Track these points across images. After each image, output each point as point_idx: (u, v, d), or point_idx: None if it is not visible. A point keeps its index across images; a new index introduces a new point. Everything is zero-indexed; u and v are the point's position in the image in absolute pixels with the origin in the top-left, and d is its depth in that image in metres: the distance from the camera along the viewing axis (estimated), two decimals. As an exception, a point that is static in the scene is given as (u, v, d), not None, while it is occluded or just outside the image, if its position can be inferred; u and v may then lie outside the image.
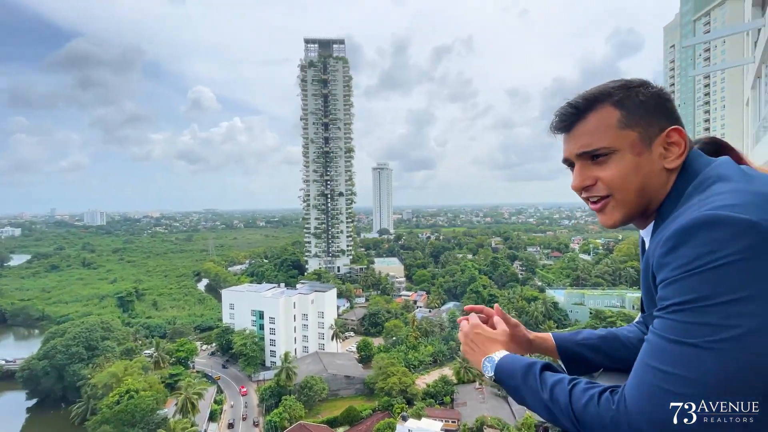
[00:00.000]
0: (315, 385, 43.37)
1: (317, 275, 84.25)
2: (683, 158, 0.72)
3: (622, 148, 0.71)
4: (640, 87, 0.74)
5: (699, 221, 0.56)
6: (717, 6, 73.97)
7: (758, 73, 10.21)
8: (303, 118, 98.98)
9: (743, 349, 0.51)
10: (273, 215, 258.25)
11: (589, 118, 0.74)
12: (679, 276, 0.57)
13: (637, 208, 0.73)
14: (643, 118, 0.72)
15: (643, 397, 0.57)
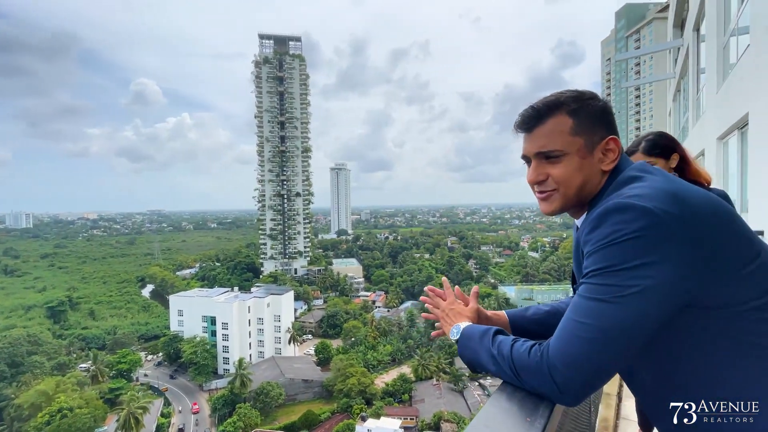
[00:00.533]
0: (271, 391, 42.16)
1: (273, 278, 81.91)
2: (616, 162, 0.87)
3: (571, 151, 0.85)
4: (590, 99, 0.88)
5: (612, 207, 0.73)
6: (646, 25, 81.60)
7: (678, 87, 11.46)
8: (257, 116, 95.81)
9: (639, 303, 0.68)
10: (225, 216, 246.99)
11: (547, 122, 0.87)
12: (596, 249, 0.73)
13: (574, 201, 0.88)
14: (589, 127, 0.86)
15: (560, 342, 0.74)
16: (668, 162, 1.74)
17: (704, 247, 0.68)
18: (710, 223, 0.69)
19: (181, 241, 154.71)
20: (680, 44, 10.19)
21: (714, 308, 0.70)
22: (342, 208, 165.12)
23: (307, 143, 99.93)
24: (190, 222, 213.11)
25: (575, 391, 0.72)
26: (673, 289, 0.68)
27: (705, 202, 0.71)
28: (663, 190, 0.71)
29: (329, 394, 44.77)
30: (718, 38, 5.94)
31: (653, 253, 0.68)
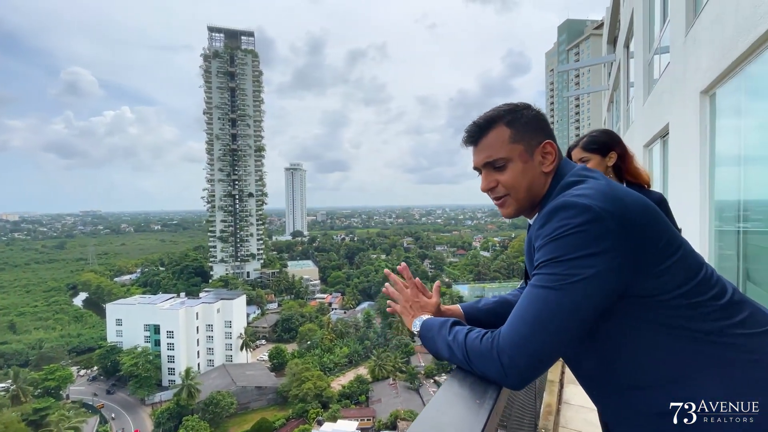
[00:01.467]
0: (222, 401, 40.25)
1: (224, 282, 78.28)
2: (555, 164, 0.96)
3: (513, 158, 0.94)
4: (524, 110, 0.98)
5: (559, 205, 0.80)
6: (584, 40, 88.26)
7: (611, 98, 12.55)
8: (207, 112, 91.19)
9: (581, 290, 0.75)
10: (171, 218, 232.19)
11: (489, 135, 0.96)
12: (545, 242, 0.80)
13: (525, 202, 0.97)
14: (526, 134, 0.95)
15: (509, 327, 0.80)
16: (605, 159, 1.78)
17: (635, 241, 0.76)
18: (640, 220, 0.77)
19: (120, 245, 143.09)
20: (613, 59, 11.15)
21: (645, 297, 0.77)
22: (297, 209, 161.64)
23: (261, 142, 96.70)
24: (130, 224, 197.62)
25: (520, 373, 0.77)
26: (611, 278, 0.75)
27: (636, 202, 0.79)
28: (602, 191, 0.79)
29: (284, 400, 43.59)
30: (644, 55, 6.59)
31: (594, 246, 0.74)
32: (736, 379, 0.73)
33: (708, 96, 3.29)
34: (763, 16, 2.17)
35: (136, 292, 73.87)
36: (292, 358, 51.42)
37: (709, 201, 3.38)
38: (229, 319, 57.08)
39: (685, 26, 3.83)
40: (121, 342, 52.89)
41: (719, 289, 0.79)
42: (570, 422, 2.40)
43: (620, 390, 0.84)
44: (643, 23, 6.51)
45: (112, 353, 50.68)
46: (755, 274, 2.73)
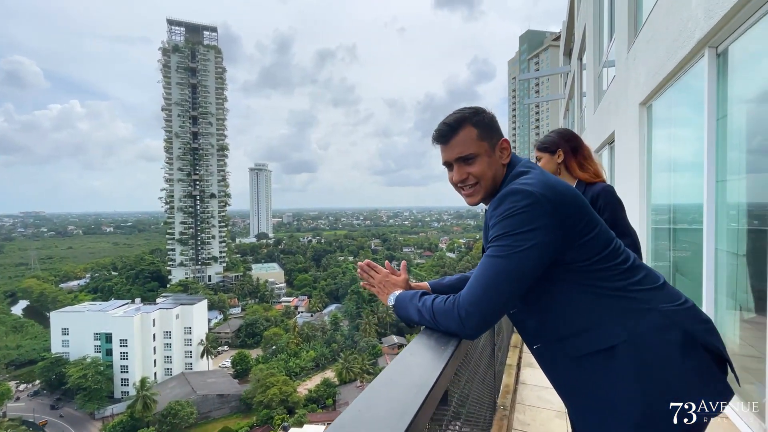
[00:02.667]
0: (180, 411, 38.45)
1: (183, 286, 74.87)
2: (509, 158, 1.17)
3: (481, 153, 1.13)
4: (483, 113, 1.16)
5: (508, 191, 1.01)
6: (543, 50, 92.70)
7: (567, 107, 13.38)
8: (165, 109, 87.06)
9: (524, 257, 0.95)
10: (124, 219, 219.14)
11: (459, 134, 1.13)
12: (497, 221, 1.00)
13: (490, 189, 1.15)
14: (488, 133, 1.14)
15: (467, 289, 1.00)
16: (554, 156, 1.99)
17: (564, 220, 0.97)
18: (569, 204, 0.99)
19: (67, 248, 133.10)
20: (568, 70, 11.89)
21: (570, 263, 1.00)
22: (262, 211, 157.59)
23: (224, 141, 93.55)
24: (78, 226, 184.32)
25: (475, 325, 0.98)
26: (546, 248, 0.96)
27: (566, 190, 1.01)
28: (541, 180, 1.01)
29: (248, 408, 42.31)
30: (594, 68, 7.14)
31: (534, 223, 0.95)
32: (635, 323, 0.96)
33: (645, 107, 3.68)
34: (686, 39, 2.50)
35: (85, 299, 69.01)
36: (256, 363, 50.02)
37: (647, 203, 3.77)
38: (189, 325, 54.66)
39: (627, 43, 4.25)
40: (68, 353, 49.26)
41: (624, 257, 1.03)
42: (525, 399, 2.66)
43: (553, 341, 1.07)
44: (593, 38, 7.05)
45: (57, 365, 47.02)
46: (682, 265, 3.09)
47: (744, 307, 2.23)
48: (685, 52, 2.51)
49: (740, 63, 2.20)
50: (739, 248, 2.23)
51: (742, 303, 2.24)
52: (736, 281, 2.25)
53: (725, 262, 2.32)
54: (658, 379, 0.92)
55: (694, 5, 2.36)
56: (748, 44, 2.09)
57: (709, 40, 2.26)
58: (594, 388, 0.99)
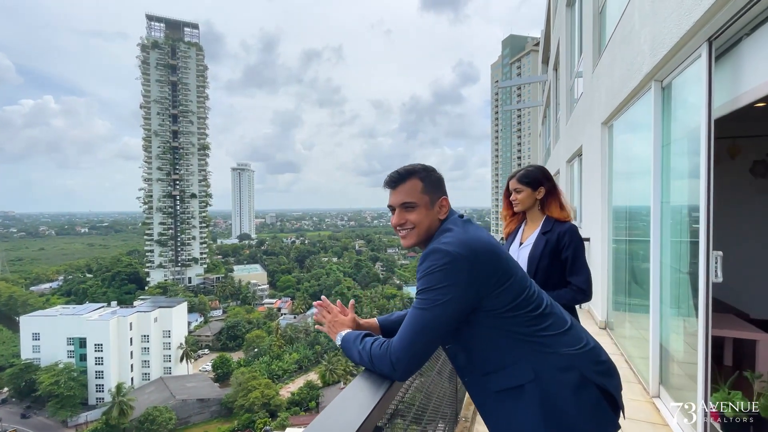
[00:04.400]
0: (159, 417, 37.57)
1: (162, 289, 73.17)
2: (446, 215, 1.29)
3: (421, 204, 1.26)
4: (432, 171, 1.30)
5: (430, 250, 1.13)
6: (525, 55, 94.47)
7: (544, 114, 13.77)
8: (144, 106, 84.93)
9: (442, 310, 1.08)
10: (100, 220, 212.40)
11: (407, 183, 1.27)
12: (421, 276, 1.12)
13: (423, 238, 1.28)
14: (432, 189, 1.27)
15: (397, 336, 1.13)
16: (535, 192, 2.05)
17: (479, 275, 1.09)
18: (484, 260, 1.10)
19: (39, 249, 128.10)
20: (546, 79, 12.23)
21: (488, 311, 1.13)
22: (245, 211, 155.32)
23: (205, 140, 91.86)
24: (51, 226, 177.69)
25: (404, 368, 1.10)
26: (462, 302, 1.09)
27: (483, 247, 1.12)
28: (459, 239, 1.12)
29: (229, 412, 41.67)
30: (566, 81, 7.40)
31: (450, 279, 1.07)
32: (540, 365, 1.11)
33: (607, 126, 3.89)
34: (636, 72, 2.68)
35: (57, 303, 66.58)
36: (237, 367, 49.29)
37: (608, 208, 3.99)
38: (168, 329, 53.42)
39: (593, 63, 4.46)
40: (39, 359, 47.45)
41: (535, 304, 1.15)
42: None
43: (479, 375, 1.20)
44: (566, 52, 7.31)
45: (27, 372, 45.24)
46: (636, 255, 3.32)
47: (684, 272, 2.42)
48: (635, 84, 2.70)
49: (680, 96, 2.38)
50: (681, 259, 2.43)
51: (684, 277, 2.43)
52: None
53: (669, 255, 2.52)
54: (558, 413, 1.07)
55: (642, 40, 2.54)
56: (686, 80, 2.28)
57: (655, 73, 2.44)
58: (509, 420, 1.13)
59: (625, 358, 3.50)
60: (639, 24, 2.62)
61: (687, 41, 1.95)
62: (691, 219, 2.29)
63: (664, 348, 2.59)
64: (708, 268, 1.86)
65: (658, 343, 2.60)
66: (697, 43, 1.92)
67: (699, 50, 1.93)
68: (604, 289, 4.10)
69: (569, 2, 6.98)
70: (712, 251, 1.87)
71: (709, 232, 1.86)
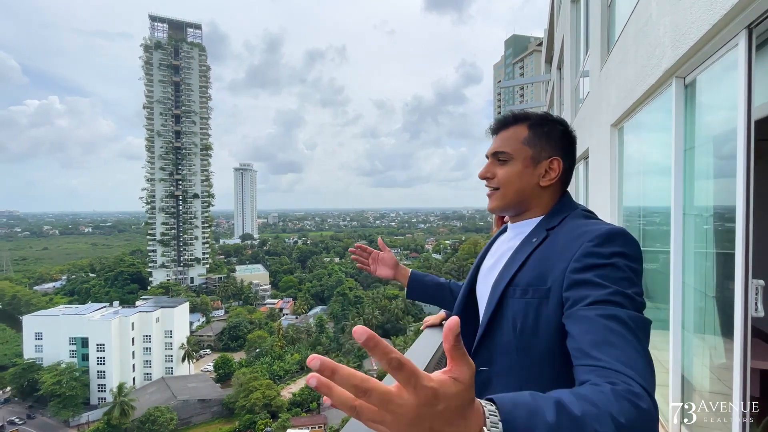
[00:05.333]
0: (160, 417, 37.50)
1: (165, 289, 73.22)
2: (554, 182, 0.97)
3: (517, 158, 0.97)
4: (555, 123, 1.00)
5: (618, 231, 0.81)
6: (528, 55, 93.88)
7: (548, 115, 13.42)
8: (147, 107, 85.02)
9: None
10: (103, 219, 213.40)
11: (510, 129, 0.99)
12: (610, 262, 0.77)
13: (511, 203, 0.99)
14: (541, 143, 0.96)
15: (635, 353, 0.64)
16: None
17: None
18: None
19: (42, 249, 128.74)
20: (549, 78, 11.90)
21: None
22: (247, 211, 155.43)
23: (207, 140, 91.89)
24: (55, 226, 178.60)
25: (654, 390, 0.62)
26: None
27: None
28: (624, 229, 0.84)
29: (230, 412, 41.56)
30: (571, 79, 7.08)
31: (641, 277, 0.79)
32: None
33: (617, 129, 3.58)
34: (654, 67, 2.38)
35: (60, 302, 66.80)
36: (239, 367, 49.19)
37: (618, 216, 3.68)
38: (170, 329, 53.41)
39: (600, 61, 4.15)
40: (41, 358, 47.56)
41: None
42: None
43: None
44: (570, 50, 6.99)
45: (30, 371, 45.33)
46: (652, 257, 3.00)
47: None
48: (653, 80, 2.40)
49: (707, 94, 2.09)
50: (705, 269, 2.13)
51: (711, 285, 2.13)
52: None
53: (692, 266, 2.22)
54: None
55: (661, 32, 2.24)
56: (715, 76, 1.98)
57: (677, 70, 2.15)
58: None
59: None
60: (657, 13, 2.32)
61: (720, 30, 1.65)
62: (720, 234, 2.00)
63: (687, 380, 2.29)
64: (746, 300, 1.57)
65: (680, 376, 2.30)
66: (733, 31, 1.62)
67: (735, 39, 1.63)
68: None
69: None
70: (752, 280, 1.57)
71: (748, 257, 1.56)
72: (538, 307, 0.84)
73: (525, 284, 0.87)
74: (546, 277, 0.85)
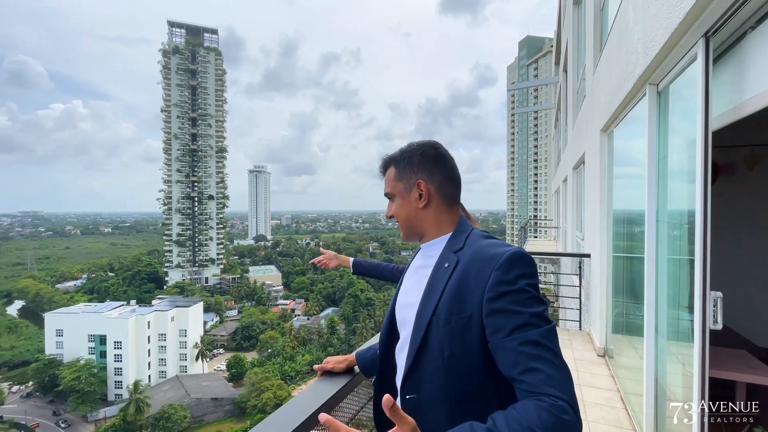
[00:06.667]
0: (174, 414, 38.18)
1: (180, 288, 74.68)
2: (427, 202, 1.05)
3: (396, 193, 1.10)
4: (414, 151, 1.09)
5: (517, 254, 0.88)
6: (542, 56, 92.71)
7: (557, 117, 13.25)
8: (165, 110, 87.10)
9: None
10: (123, 220, 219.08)
11: (387, 172, 1.13)
12: (519, 286, 0.85)
13: (409, 231, 1.10)
14: (405, 174, 1.07)
15: (551, 368, 0.77)
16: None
17: None
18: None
19: (65, 248, 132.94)
20: (557, 81, 11.75)
21: None
22: (261, 213, 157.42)
23: (223, 143, 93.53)
24: (76, 226, 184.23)
25: (576, 403, 0.74)
26: None
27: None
28: (520, 250, 0.91)
29: (242, 412, 42.04)
30: (574, 83, 6.99)
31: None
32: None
33: (606, 134, 3.53)
34: (630, 73, 2.35)
35: (80, 300, 68.84)
36: (251, 367, 49.76)
37: (607, 223, 3.62)
38: (185, 328, 54.40)
39: (594, 64, 4.10)
40: (62, 354, 49.00)
41: None
42: None
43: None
44: (573, 52, 6.91)
45: (51, 367, 46.77)
46: (635, 261, 2.97)
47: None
48: (629, 86, 2.37)
49: (678, 102, 2.05)
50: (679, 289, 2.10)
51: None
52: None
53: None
54: None
55: (635, 39, 2.22)
56: (685, 83, 1.95)
57: (649, 77, 2.12)
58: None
59: (621, 395, 3.12)
60: (633, 20, 2.30)
61: (680, 38, 1.64)
62: (688, 241, 1.97)
63: (660, 387, 2.25)
64: (705, 312, 1.54)
65: (653, 382, 2.26)
66: (691, 40, 1.60)
67: (694, 49, 1.61)
68: (603, 310, 3.72)
69: (576, 0, 6.58)
70: (710, 292, 1.54)
71: (706, 268, 1.53)
72: (463, 332, 0.89)
73: (447, 313, 0.91)
74: (465, 305, 0.90)
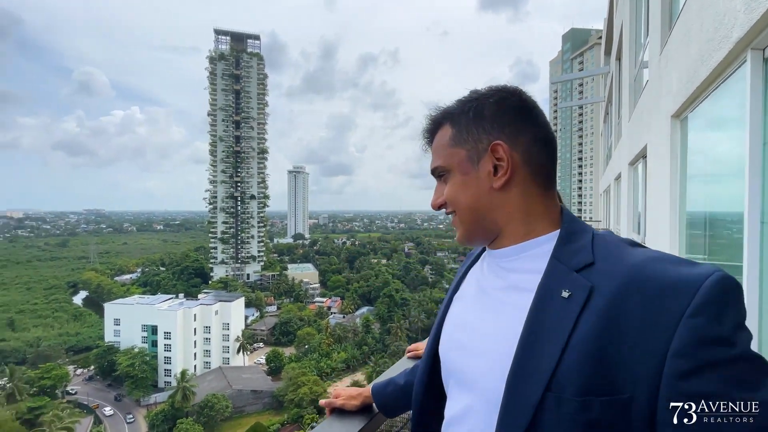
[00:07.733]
0: (216, 404, 39.96)
1: (224, 284, 78.18)
2: (509, 177, 0.64)
3: (452, 166, 0.68)
4: (483, 97, 0.67)
5: (730, 286, 0.49)
6: (588, 49, 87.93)
7: (606, 110, 12.29)
8: (211, 114, 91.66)
9: None
10: (173, 218, 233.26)
11: (436, 137, 0.72)
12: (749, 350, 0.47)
13: (474, 228, 0.69)
14: (470, 134, 0.66)
15: None
16: None
17: None
18: None
19: (122, 244, 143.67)
20: (607, 71, 10.89)
21: None
22: (299, 212, 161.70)
23: (264, 144, 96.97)
24: (133, 223, 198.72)
25: None
26: None
27: None
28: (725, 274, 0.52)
29: (280, 405, 43.23)
30: (630, 70, 6.33)
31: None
32: None
33: (679, 120, 3.05)
34: (722, 39, 1.93)
35: (135, 292, 73.99)
36: (289, 362, 51.08)
37: (679, 221, 3.13)
38: (227, 322, 56.88)
39: (660, 44, 3.59)
40: (119, 342, 52.84)
41: None
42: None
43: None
44: (630, 37, 6.26)
45: (109, 353, 50.62)
46: (725, 266, 2.48)
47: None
48: (721, 56, 1.94)
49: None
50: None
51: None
52: None
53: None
54: None
55: (732, -5, 1.80)
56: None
57: (752, 39, 1.70)
58: None
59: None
60: (727, -26, 1.88)
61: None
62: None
63: None
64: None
65: None
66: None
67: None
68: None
69: (635, -24, 5.95)
70: None
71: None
72: (611, 427, 0.48)
73: (580, 389, 0.49)
74: (617, 376, 0.48)
